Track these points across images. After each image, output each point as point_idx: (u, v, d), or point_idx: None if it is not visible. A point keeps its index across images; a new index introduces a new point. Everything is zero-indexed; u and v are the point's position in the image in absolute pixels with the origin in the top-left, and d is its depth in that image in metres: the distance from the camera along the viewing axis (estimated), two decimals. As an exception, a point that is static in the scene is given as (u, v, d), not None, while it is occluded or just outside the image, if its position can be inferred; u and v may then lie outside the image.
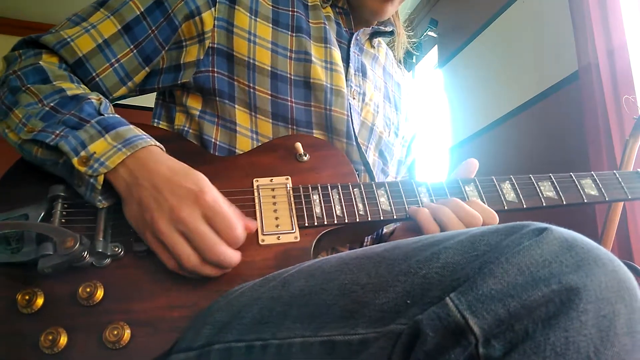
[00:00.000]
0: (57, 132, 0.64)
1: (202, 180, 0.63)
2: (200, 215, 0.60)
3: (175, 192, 0.61)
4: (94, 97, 0.69)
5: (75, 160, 0.62)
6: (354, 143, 0.85)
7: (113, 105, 0.75)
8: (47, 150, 0.65)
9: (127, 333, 0.57)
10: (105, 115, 0.67)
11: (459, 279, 0.41)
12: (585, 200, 0.76)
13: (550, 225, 0.43)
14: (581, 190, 0.77)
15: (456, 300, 0.40)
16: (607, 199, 0.77)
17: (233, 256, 0.62)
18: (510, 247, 0.42)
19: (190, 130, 0.83)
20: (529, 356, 0.37)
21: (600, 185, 0.78)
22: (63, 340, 0.57)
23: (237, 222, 0.61)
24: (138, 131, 0.66)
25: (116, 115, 0.68)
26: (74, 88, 0.71)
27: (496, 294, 0.39)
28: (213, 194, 0.62)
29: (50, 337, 0.56)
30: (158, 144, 0.67)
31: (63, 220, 0.66)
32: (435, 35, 3.10)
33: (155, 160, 0.64)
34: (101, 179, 0.62)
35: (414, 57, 3.17)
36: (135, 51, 0.78)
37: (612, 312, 0.39)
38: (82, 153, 0.62)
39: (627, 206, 1.58)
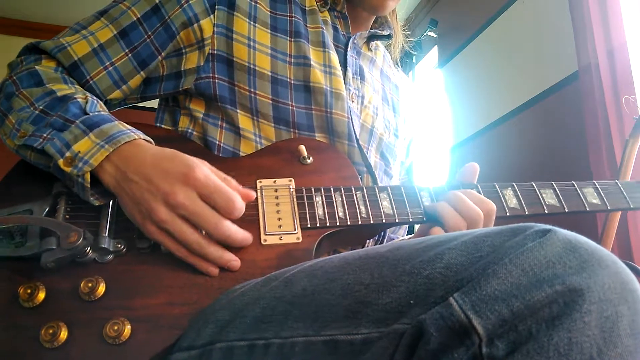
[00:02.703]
0: (45, 135, 0.64)
1: (190, 159, 0.63)
2: (196, 196, 0.61)
3: (165, 178, 0.61)
4: (80, 96, 0.69)
5: (61, 162, 0.62)
6: (356, 145, 0.85)
7: (115, 110, 0.75)
8: (37, 154, 0.66)
9: (128, 329, 0.58)
10: (91, 114, 0.67)
11: (462, 279, 0.41)
12: (588, 209, 0.77)
13: (554, 227, 0.44)
14: (583, 199, 0.77)
15: (460, 300, 0.40)
16: (609, 207, 0.78)
17: (238, 231, 0.62)
18: (514, 248, 0.42)
19: (194, 132, 0.83)
20: (532, 356, 0.37)
21: (603, 195, 0.78)
22: (63, 334, 0.57)
23: (234, 194, 0.62)
24: (123, 126, 0.66)
25: (102, 113, 0.68)
26: (65, 89, 0.71)
27: (500, 295, 0.39)
28: (203, 170, 0.62)
29: (51, 331, 0.56)
30: (145, 137, 0.67)
31: (67, 216, 0.66)
32: (435, 35, 3.10)
33: (140, 152, 0.64)
34: (87, 177, 0.62)
35: (414, 57, 3.17)
36: (130, 55, 0.79)
37: (615, 314, 0.39)
38: (67, 154, 0.62)
39: (627, 207, 1.58)
